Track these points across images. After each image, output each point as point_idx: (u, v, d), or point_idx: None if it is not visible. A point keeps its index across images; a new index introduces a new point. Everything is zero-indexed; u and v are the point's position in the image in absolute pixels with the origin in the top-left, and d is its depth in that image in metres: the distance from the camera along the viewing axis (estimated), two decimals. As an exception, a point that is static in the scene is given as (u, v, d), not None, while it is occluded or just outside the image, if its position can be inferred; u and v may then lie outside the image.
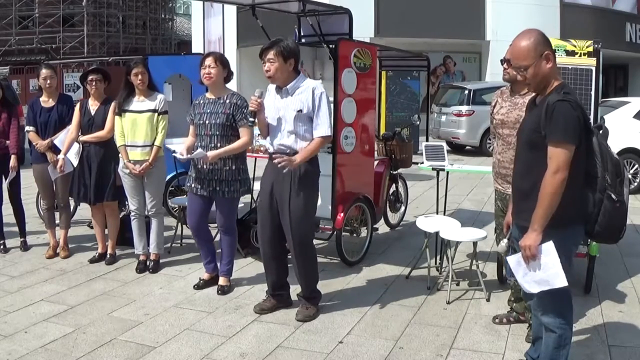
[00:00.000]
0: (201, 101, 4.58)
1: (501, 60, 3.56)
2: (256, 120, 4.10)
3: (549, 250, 2.78)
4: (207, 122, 4.46)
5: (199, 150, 4.44)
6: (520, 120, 3.61)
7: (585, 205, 2.84)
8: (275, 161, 3.98)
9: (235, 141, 4.44)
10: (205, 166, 4.47)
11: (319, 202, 5.24)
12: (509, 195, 3.79)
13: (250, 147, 5.70)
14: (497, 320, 4.09)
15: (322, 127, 4.03)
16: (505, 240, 3.21)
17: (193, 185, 4.56)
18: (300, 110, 4.02)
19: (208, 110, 4.49)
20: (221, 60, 4.50)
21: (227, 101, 4.48)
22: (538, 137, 2.81)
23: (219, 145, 4.43)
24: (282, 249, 4.27)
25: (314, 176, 4.17)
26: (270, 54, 3.97)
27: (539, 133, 2.80)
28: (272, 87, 4.19)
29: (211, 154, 4.36)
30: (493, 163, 4.09)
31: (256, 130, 5.57)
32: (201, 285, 4.74)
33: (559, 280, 2.79)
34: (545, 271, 2.81)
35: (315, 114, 4.03)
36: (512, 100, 3.87)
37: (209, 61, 4.45)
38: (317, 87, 4.08)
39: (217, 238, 4.87)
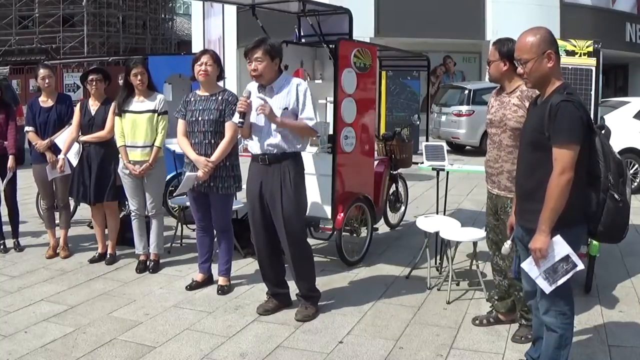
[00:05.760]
0: (192, 98, 4.60)
1: (487, 62, 3.78)
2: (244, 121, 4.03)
3: (559, 242, 2.78)
4: (199, 118, 4.48)
5: (188, 174, 4.49)
6: (505, 120, 3.67)
7: (589, 205, 2.84)
8: (258, 109, 3.94)
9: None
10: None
11: (319, 202, 5.27)
12: (495, 195, 3.80)
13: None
14: (477, 322, 4.06)
15: (307, 116, 4.03)
16: (509, 242, 3.19)
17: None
18: (286, 108, 4.02)
19: (200, 107, 4.51)
20: (216, 58, 4.55)
21: (220, 97, 4.51)
22: (541, 137, 2.81)
23: (212, 141, 4.45)
24: (278, 247, 4.26)
25: (302, 174, 4.18)
26: (258, 53, 3.97)
27: (541, 133, 2.80)
28: (252, 87, 4.15)
29: (202, 173, 4.39)
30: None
31: None
32: (193, 286, 4.73)
33: (574, 263, 2.78)
34: (559, 260, 2.80)
35: (299, 109, 4.03)
36: (500, 99, 3.85)
37: (205, 58, 4.49)
38: (300, 83, 4.10)
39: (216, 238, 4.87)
